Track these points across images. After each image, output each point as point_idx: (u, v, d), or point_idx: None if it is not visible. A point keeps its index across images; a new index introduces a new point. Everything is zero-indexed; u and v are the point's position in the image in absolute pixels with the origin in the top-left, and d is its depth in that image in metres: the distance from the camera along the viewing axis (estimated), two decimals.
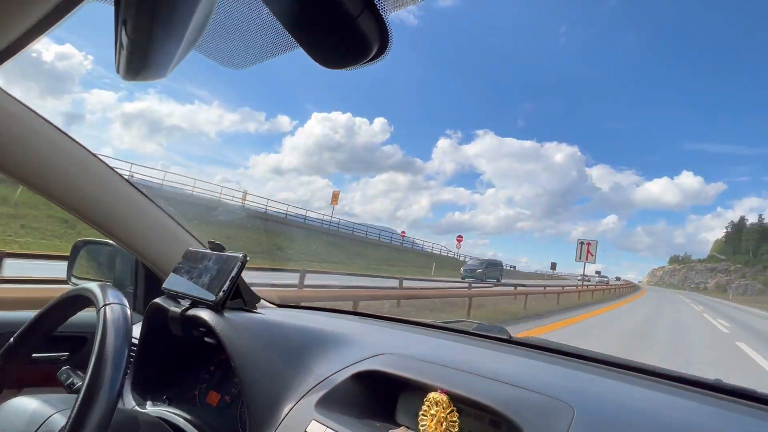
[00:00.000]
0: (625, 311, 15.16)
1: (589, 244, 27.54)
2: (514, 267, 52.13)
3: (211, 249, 1.00)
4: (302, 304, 1.92)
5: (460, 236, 42.30)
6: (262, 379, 0.83)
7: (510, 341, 1.11)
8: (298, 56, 0.50)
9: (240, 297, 0.99)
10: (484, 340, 1.12)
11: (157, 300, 0.98)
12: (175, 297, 0.96)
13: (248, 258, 0.89)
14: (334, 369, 0.86)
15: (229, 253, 0.93)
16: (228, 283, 0.87)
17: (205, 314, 0.87)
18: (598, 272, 49.31)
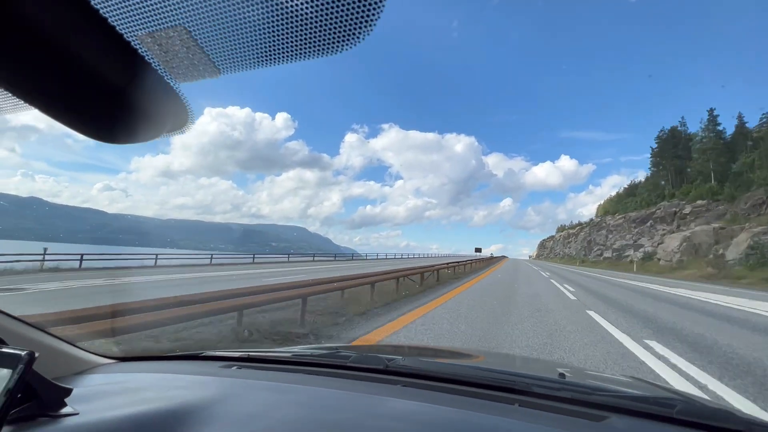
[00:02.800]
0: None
1: None
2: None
3: None
4: (150, 353, 1.52)
5: None
6: None
7: (386, 371, 1.10)
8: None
9: (37, 397, 0.69)
10: (361, 375, 1.11)
11: None
12: None
13: (36, 356, 0.62)
14: None
15: (7, 350, 0.63)
16: (1, 398, 0.58)
17: None
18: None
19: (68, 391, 0.72)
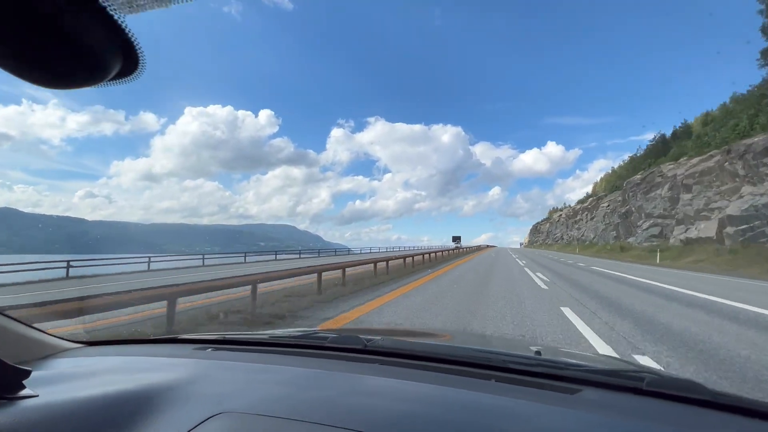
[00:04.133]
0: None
1: None
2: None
3: None
4: (120, 338, 1.44)
5: None
6: None
7: (365, 351, 1.10)
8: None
9: None
10: (339, 355, 1.10)
11: None
12: None
13: None
14: None
15: None
16: None
17: None
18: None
19: (27, 373, 0.70)
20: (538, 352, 1.12)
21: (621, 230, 44.37)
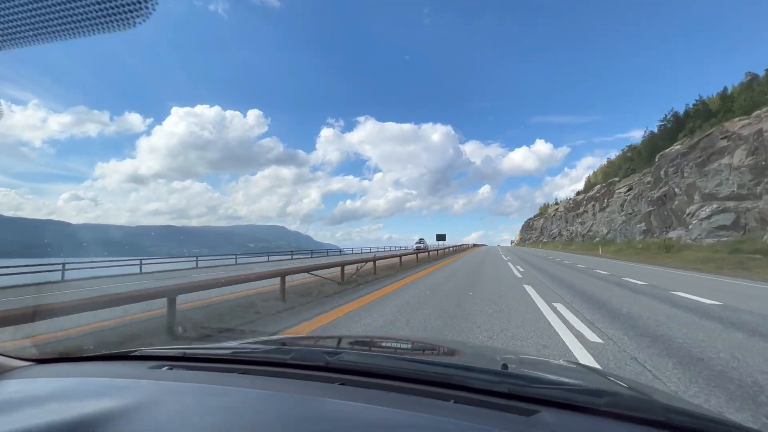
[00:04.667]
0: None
1: None
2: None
3: None
4: (73, 355, 1.31)
5: None
6: None
7: (326, 368, 1.10)
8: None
9: None
10: (300, 374, 1.09)
11: None
12: None
13: None
14: None
15: None
16: None
17: None
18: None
19: None
20: (504, 365, 1.11)
21: (654, 221, 32.45)
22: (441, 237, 55.17)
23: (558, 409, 0.87)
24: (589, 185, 70.70)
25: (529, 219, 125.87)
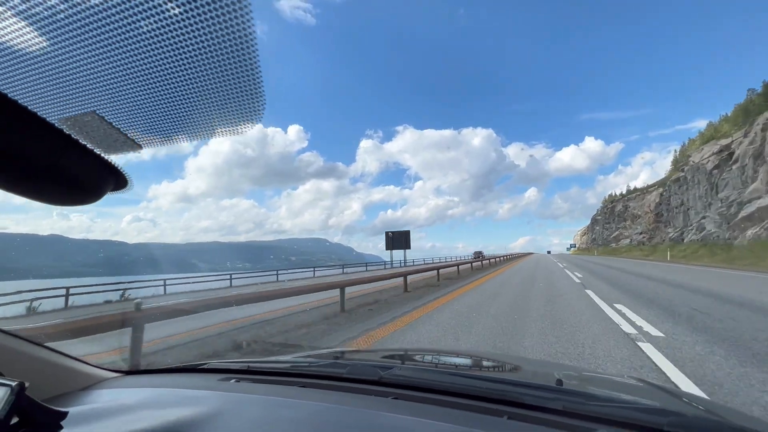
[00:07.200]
0: None
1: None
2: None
3: None
4: (153, 367, 1.45)
5: None
6: None
7: (380, 383, 1.13)
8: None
9: (32, 423, 0.70)
10: (355, 387, 1.13)
11: None
12: None
13: (26, 385, 0.66)
14: None
15: (0, 380, 0.66)
16: None
17: None
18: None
19: (63, 415, 0.75)
20: (559, 381, 1.08)
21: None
22: (478, 254, 57.67)
23: (616, 428, 0.84)
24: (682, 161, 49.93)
25: (597, 215, 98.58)
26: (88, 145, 0.54)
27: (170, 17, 0.48)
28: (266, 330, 6.34)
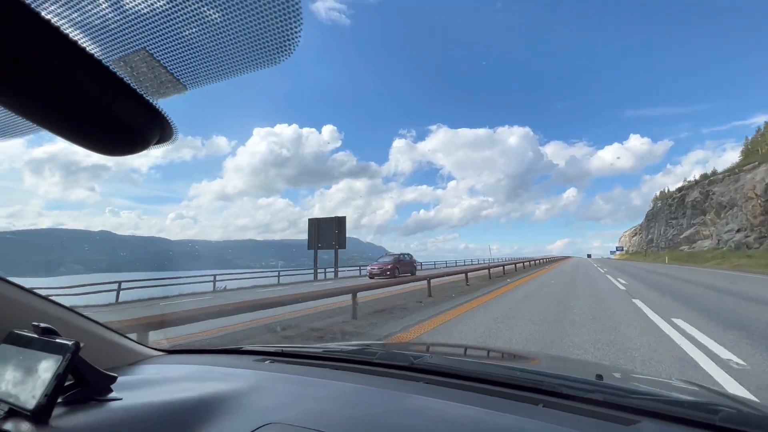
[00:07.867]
0: None
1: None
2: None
3: (38, 333, 0.72)
4: (194, 348, 1.54)
5: None
6: None
7: (411, 368, 1.13)
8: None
9: (85, 383, 0.73)
10: (387, 372, 1.13)
11: None
12: None
13: (81, 345, 0.68)
14: None
15: (59, 340, 0.69)
16: (52, 382, 0.64)
17: (20, 429, 0.62)
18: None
19: (113, 379, 0.79)
20: (599, 376, 1.05)
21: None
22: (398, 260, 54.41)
23: (663, 421, 0.81)
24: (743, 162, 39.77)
25: (655, 205, 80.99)
26: (138, 90, 0.52)
27: None
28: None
